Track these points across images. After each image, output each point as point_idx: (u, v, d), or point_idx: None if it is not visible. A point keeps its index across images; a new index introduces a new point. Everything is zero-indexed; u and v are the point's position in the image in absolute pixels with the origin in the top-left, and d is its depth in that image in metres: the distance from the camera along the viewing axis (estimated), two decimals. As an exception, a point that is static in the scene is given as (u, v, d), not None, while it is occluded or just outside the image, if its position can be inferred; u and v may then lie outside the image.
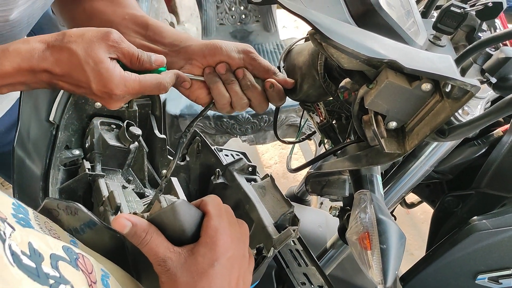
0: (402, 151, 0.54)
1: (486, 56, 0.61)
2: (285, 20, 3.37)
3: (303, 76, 0.67)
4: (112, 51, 0.56)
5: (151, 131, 0.80)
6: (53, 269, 0.34)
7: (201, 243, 0.49)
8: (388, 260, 0.53)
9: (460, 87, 0.46)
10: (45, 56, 0.54)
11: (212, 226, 0.50)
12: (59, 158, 0.70)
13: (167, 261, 0.47)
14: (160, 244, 0.48)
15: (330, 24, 0.49)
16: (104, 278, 0.42)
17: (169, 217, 0.49)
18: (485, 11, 0.61)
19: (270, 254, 0.61)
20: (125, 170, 0.77)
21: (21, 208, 0.40)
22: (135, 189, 0.76)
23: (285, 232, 0.62)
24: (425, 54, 0.49)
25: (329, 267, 0.91)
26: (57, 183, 0.68)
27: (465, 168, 0.81)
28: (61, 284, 0.34)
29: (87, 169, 0.69)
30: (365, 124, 0.54)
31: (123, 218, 0.48)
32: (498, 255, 0.69)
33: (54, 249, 0.37)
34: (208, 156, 0.80)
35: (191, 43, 0.67)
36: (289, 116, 1.81)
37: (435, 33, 0.63)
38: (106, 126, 0.75)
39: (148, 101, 0.79)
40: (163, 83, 0.59)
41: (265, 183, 0.73)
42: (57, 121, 0.71)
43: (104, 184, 0.68)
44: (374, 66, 0.53)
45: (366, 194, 0.59)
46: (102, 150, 0.73)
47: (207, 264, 0.47)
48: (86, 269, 0.39)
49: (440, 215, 0.83)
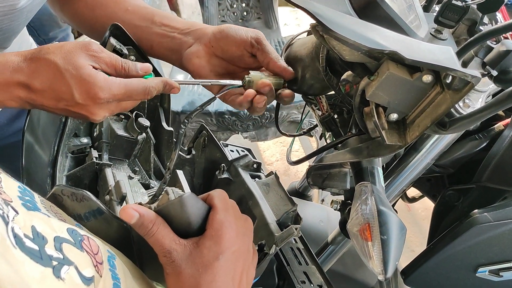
0: (403, 143, 0.54)
1: (487, 49, 0.62)
2: (286, 17, 3.37)
3: (306, 67, 0.67)
4: (93, 60, 0.54)
5: (159, 123, 0.80)
6: (57, 251, 0.35)
7: (206, 236, 0.49)
8: (389, 250, 0.54)
9: (460, 78, 0.46)
10: (20, 68, 0.52)
11: (218, 219, 0.50)
12: (67, 145, 0.70)
13: (172, 253, 0.47)
14: (166, 235, 0.48)
15: (332, 16, 0.49)
16: (110, 259, 0.43)
17: (176, 209, 0.49)
18: (486, 4, 0.61)
19: (272, 251, 0.61)
20: (132, 160, 0.77)
21: (27, 191, 0.41)
22: (141, 180, 0.76)
23: (287, 230, 0.62)
24: (426, 45, 0.49)
25: (330, 261, 0.91)
26: (64, 170, 0.69)
27: (466, 162, 0.81)
28: (64, 265, 0.34)
29: (95, 158, 0.69)
30: (366, 116, 0.55)
31: (131, 208, 0.48)
32: (499, 248, 0.70)
33: (59, 232, 0.37)
34: (213, 150, 0.80)
35: (201, 27, 0.68)
36: (291, 113, 1.82)
37: (437, 27, 0.63)
38: (115, 116, 0.75)
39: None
40: (149, 88, 0.57)
41: (269, 180, 0.73)
42: None
43: (111, 174, 0.68)
44: (376, 58, 0.53)
45: (367, 186, 0.59)
46: (110, 140, 0.73)
47: (212, 257, 0.48)
48: (92, 250, 0.39)
49: (441, 209, 0.83)
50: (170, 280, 0.48)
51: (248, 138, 1.91)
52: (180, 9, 3.45)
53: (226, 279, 0.48)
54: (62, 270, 0.34)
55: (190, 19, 3.55)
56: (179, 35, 0.67)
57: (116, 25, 0.68)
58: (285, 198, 0.69)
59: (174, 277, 0.47)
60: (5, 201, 0.34)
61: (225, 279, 0.48)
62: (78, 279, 0.35)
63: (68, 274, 0.34)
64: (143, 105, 0.77)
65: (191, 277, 0.47)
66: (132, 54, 0.70)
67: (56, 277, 0.33)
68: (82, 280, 0.35)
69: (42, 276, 0.32)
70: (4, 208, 0.33)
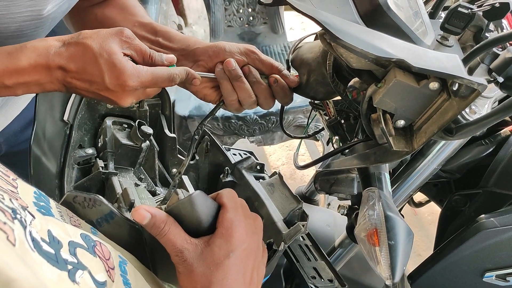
0: (410, 149, 0.55)
1: (493, 56, 0.62)
2: (292, 22, 3.38)
3: (311, 72, 0.68)
4: (125, 46, 0.58)
5: (161, 130, 0.81)
6: (71, 255, 0.36)
7: (217, 234, 0.50)
8: (396, 256, 0.54)
9: (467, 86, 0.47)
10: (60, 52, 0.55)
11: (228, 218, 0.51)
12: (73, 157, 0.72)
13: (184, 252, 0.48)
14: (178, 235, 0.49)
15: (339, 24, 0.50)
16: (121, 264, 0.44)
17: (187, 208, 0.50)
18: (492, 11, 0.62)
19: (281, 248, 0.62)
20: (137, 168, 0.78)
21: (42, 197, 0.42)
22: (147, 187, 0.77)
23: (294, 227, 0.63)
24: (433, 53, 0.50)
25: (337, 265, 0.92)
26: (72, 181, 0.70)
27: (473, 167, 0.82)
28: (78, 270, 0.35)
29: (101, 168, 0.71)
30: (374, 123, 0.55)
31: (143, 209, 0.49)
32: (506, 253, 0.70)
33: (73, 237, 0.38)
34: (216, 155, 0.81)
35: (198, 46, 0.69)
36: (297, 117, 1.82)
37: (443, 34, 0.64)
38: (118, 125, 0.77)
39: (158, 101, 0.80)
40: (173, 75, 0.60)
41: (273, 180, 0.74)
42: (71, 121, 0.72)
43: (118, 182, 0.69)
44: (383, 66, 0.54)
45: (374, 192, 0.60)
46: (115, 149, 0.74)
47: (223, 255, 0.48)
48: (104, 255, 0.40)
49: (447, 213, 0.84)
50: (183, 279, 0.48)
51: (254, 142, 1.91)
52: (187, 13, 3.47)
53: (237, 276, 0.49)
54: (77, 274, 0.34)
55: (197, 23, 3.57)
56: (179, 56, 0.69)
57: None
58: (290, 196, 0.70)
59: (186, 276, 0.48)
60: (21, 206, 0.35)
61: (236, 276, 0.49)
62: (92, 283, 0.36)
63: (82, 278, 0.35)
64: (145, 113, 0.79)
65: (203, 276, 0.47)
66: None
67: (72, 280, 0.34)
68: (95, 284, 0.36)
69: (59, 278, 0.33)
70: (22, 212, 0.33)
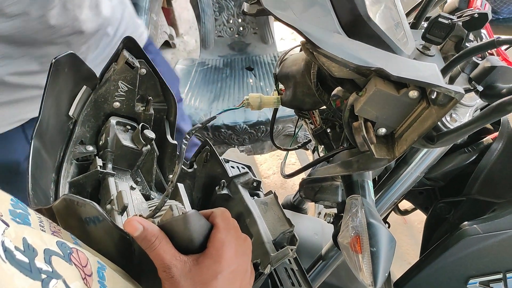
0: (391, 157, 0.55)
1: (473, 66, 0.63)
2: (283, 32, 3.41)
3: (297, 84, 0.69)
4: None
5: (164, 135, 0.81)
6: (46, 263, 0.35)
7: (207, 254, 0.50)
8: (378, 262, 0.55)
9: (444, 94, 0.48)
10: None
11: (219, 238, 0.51)
12: (73, 152, 0.71)
13: (172, 268, 0.48)
14: (168, 250, 0.49)
15: (321, 34, 0.51)
16: (100, 270, 0.43)
17: (180, 225, 0.50)
18: (471, 21, 0.63)
19: (266, 271, 0.62)
20: (134, 171, 0.78)
21: (20, 204, 0.41)
22: (142, 190, 0.77)
23: (283, 251, 0.63)
24: (412, 62, 0.51)
25: (324, 274, 0.92)
26: (68, 177, 0.69)
27: (457, 175, 0.83)
28: (52, 279, 0.35)
29: (99, 166, 0.70)
30: (355, 130, 0.56)
31: (135, 221, 0.49)
32: (489, 260, 0.71)
33: (48, 244, 0.38)
34: (215, 166, 0.81)
35: None
36: (286, 127, 1.83)
37: (425, 43, 0.65)
38: (121, 126, 0.76)
39: (164, 106, 0.80)
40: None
41: (268, 199, 0.74)
42: (75, 116, 0.71)
43: (113, 183, 0.69)
44: (364, 74, 0.55)
45: (357, 199, 0.61)
46: (115, 149, 0.74)
47: (211, 275, 0.48)
48: (80, 262, 0.40)
49: (432, 221, 0.85)
50: None
51: (244, 151, 1.92)
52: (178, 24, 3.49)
53: None
54: (50, 283, 0.34)
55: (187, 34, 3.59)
56: None
57: (130, 37, 0.70)
58: (282, 218, 0.70)
59: None
60: None
61: None
62: None
63: None
64: (150, 117, 0.78)
65: None
66: (143, 67, 0.73)
67: None
68: None
69: None
70: None
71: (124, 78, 0.72)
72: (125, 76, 0.72)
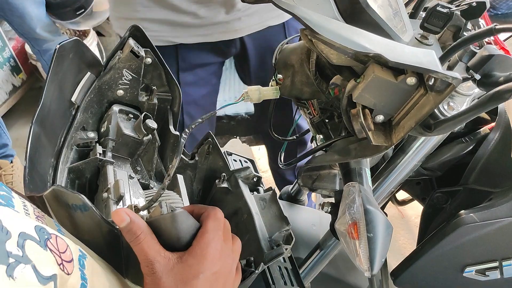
0: (389, 144, 0.56)
1: (471, 54, 0.64)
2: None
3: (296, 73, 0.69)
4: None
5: (166, 125, 0.80)
6: (18, 247, 0.35)
7: (191, 252, 0.50)
8: (375, 248, 0.55)
9: (442, 80, 0.48)
10: None
11: (205, 238, 0.51)
12: (74, 137, 0.71)
13: (155, 264, 0.48)
14: (152, 246, 0.49)
15: (319, 21, 0.51)
16: (81, 258, 0.43)
17: (167, 224, 0.50)
18: (469, 10, 0.63)
19: (258, 270, 0.62)
20: (135, 159, 0.78)
21: (3, 187, 0.41)
22: (141, 179, 0.77)
23: (277, 249, 0.63)
24: (410, 48, 0.51)
25: (321, 264, 0.92)
26: (67, 162, 0.69)
27: (454, 164, 0.83)
28: (20, 264, 0.34)
29: (99, 154, 0.70)
30: (353, 117, 0.56)
31: (123, 212, 0.49)
32: (485, 248, 0.71)
33: (25, 228, 0.37)
34: (216, 159, 0.81)
35: None
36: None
37: (423, 33, 0.65)
38: (124, 114, 0.76)
39: (168, 96, 0.80)
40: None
41: (267, 196, 0.74)
42: (78, 102, 0.71)
43: (112, 172, 0.69)
44: (362, 61, 0.55)
45: (355, 186, 0.61)
46: (116, 137, 0.73)
47: (193, 274, 0.49)
48: (58, 248, 0.39)
49: (429, 211, 0.85)
50: None
51: (246, 142, 1.92)
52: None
53: None
54: (17, 268, 0.33)
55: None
56: None
57: (136, 26, 0.70)
58: (279, 216, 0.69)
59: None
60: None
61: None
62: (34, 278, 0.35)
63: (21, 273, 0.34)
64: (153, 107, 0.78)
65: None
66: (149, 56, 0.72)
67: (8, 275, 0.33)
68: (38, 279, 0.35)
69: None
70: None
71: (129, 66, 0.72)
72: (130, 65, 0.72)
